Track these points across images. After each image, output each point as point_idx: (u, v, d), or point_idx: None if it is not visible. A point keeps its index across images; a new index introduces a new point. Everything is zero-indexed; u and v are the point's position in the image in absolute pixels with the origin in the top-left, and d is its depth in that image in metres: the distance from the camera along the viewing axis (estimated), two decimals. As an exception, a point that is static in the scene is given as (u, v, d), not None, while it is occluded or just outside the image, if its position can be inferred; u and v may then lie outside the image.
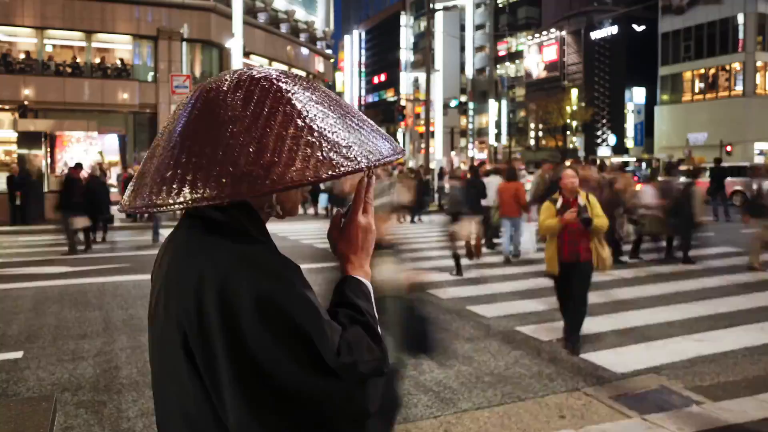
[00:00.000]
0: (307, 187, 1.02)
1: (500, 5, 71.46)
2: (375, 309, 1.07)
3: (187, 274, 0.97)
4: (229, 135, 0.91)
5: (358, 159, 0.93)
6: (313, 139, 0.91)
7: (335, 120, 0.97)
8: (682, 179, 12.32)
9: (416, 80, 58.40)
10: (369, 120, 1.05)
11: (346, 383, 0.94)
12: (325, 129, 0.94)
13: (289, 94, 0.96)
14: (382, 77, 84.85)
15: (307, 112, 0.94)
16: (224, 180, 0.88)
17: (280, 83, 0.97)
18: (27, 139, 18.89)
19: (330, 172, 0.89)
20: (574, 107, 54.88)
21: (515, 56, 69.04)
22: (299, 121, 0.92)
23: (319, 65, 38.38)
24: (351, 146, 0.94)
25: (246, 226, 1.01)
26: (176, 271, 1.00)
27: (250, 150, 0.89)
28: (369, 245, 1.12)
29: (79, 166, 12.92)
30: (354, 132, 0.97)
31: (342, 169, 0.90)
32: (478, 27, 69.80)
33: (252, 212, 1.03)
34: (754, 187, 10.32)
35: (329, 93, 1.03)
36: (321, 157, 0.90)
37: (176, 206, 0.90)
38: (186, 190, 0.90)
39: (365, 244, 1.11)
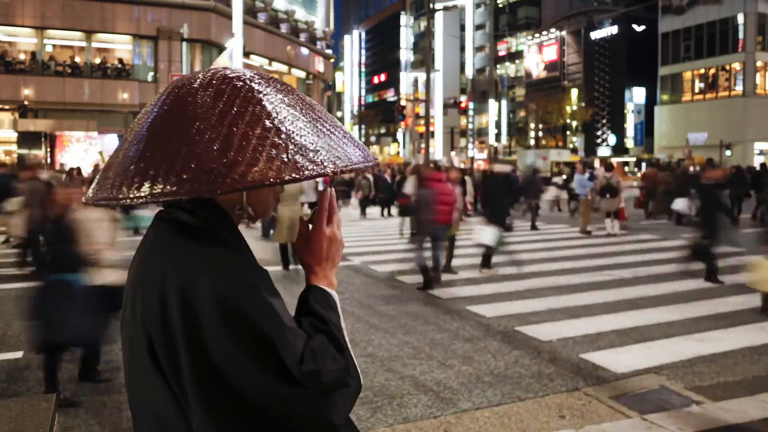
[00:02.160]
0: (279, 189, 1.00)
1: (500, 5, 71.51)
2: (341, 319, 1.07)
3: (152, 276, 0.96)
4: (194, 131, 0.90)
5: (325, 164, 0.92)
6: (280, 141, 0.90)
7: (306, 123, 0.96)
8: None
9: (416, 80, 58.38)
10: (342, 126, 1.05)
11: (309, 392, 0.93)
12: (293, 132, 0.93)
13: (260, 95, 0.95)
14: (382, 77, 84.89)
15: (277, 114, 0.94)
16: (185, 176, 0.87)
17: (252, 83, 0.97)
18: (27, 139, 18.94)
19: (293, 175, 0.88)
20: (574, 107, 54.95)
21: (515, 56, 69.11)
22: (267, 122, 0.92)
23: (319, 65, 38.38)
24: (318, 150, 0.93)
25: (215, 227, 1.00)
26: (142, 274, 1.00)
27: (215, 147, 0.88)
28: (334, 255, 1.12)
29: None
30: (324, 137, 0.96)
31: (306, 172, 0.89)
32: (478, 27, 69.85)
33: (222, 214, 1.02)
34: None
35: (303, 97, 1.03)
36: (285, 159, 0.89)
37: (136, 200, 0.89)
38: (146, 184, 0.88)
39: (330, 254, 1.11)
